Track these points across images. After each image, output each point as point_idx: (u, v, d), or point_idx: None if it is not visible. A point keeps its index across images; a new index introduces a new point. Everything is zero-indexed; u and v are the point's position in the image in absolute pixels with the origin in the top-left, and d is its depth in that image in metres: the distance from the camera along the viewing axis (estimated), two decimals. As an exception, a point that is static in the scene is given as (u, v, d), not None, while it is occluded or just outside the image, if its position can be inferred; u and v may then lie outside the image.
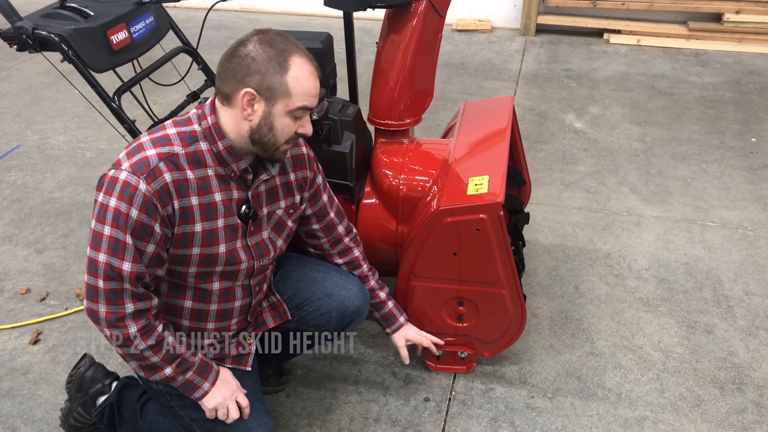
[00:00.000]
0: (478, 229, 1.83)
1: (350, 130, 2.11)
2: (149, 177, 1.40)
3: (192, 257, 1.51)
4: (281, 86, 1.42)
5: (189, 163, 1.46)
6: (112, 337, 1.46)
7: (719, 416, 2.04)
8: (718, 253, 2.73)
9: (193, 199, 1.47)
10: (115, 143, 3.58)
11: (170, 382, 1.55)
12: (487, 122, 2.24)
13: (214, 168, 1.49)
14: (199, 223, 1.49)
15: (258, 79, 1.41)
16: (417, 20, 2.02)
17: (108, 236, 1.40)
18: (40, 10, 2.06)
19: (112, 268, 1.40)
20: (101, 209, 1.41)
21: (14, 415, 2.05)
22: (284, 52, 1.42)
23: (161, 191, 1.41)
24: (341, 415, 2.05)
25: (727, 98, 4.07)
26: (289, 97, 1.44)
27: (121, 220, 1.39)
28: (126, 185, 1.39)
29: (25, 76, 4.50)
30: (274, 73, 1.41)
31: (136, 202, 1.39)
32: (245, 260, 1.60)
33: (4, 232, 2.91)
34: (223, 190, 1.51)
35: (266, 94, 1.43)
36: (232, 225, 1.55)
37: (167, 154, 1.44)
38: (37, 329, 2.37)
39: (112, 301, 1.43)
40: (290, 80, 1.42)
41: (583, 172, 3.30)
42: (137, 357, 1.50)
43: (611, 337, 2.32)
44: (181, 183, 1.44)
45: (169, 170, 1.43)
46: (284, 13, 5.65)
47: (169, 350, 1.51)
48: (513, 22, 5.27)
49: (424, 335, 2.01)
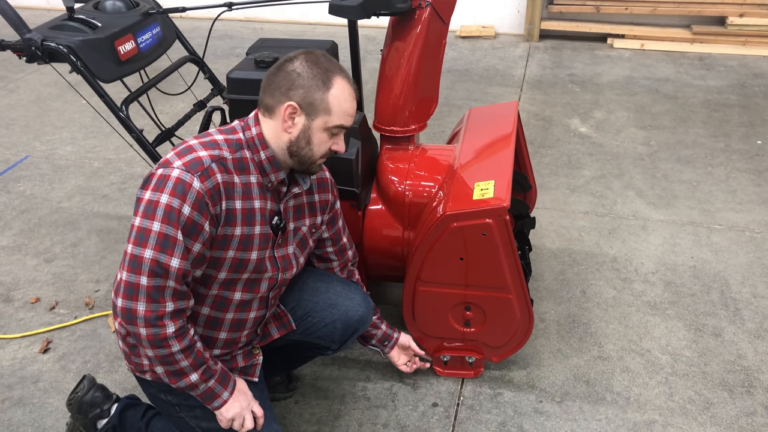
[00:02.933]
0: (485, 233, 1.84)
1: (356, 137, 2.13)
2: (203, 175, 1.43)
3: (226, 260, 1.54)
4: (323, 103, 1.50)
5: (235, 169, 1.51)
6: (148, 336, 1.43)
7: (729, 419, 2.03)
8: (725, 255, 2.72)
9: (237, 202, 1.51)
10: (122, 153, 3.61)
11: (192, 390, 1.54)
12: (492, 127, 2.25)
13: (256, 176, 1.55)
14: (240, 227, 1.52)
15: (302, 94, 1.49)
16: (421, 27, 2.03)
17: (157, 232, 1.40)
18: (49, 22, 2.09)
19: (159, 264, 1.40)
20: (149, 205, 1.41)
21: (25, 423, 2.07)
22: (328, 71, 1.51)
23: (213, 190, 1.44)
24: (350, 421, 2.06)
25: (732, 101, 4.07)
26: (328, 115, 1.51)
27: (173, 216, 1.40)
28: (180, 182, 1.41)
29: (32, 87, 4.54)
30: (317, 90, 1.49)
31: (190, 199, 1.41)
32: (270, 271, 1.62)
33: (14, 242, 2.93)
34: (262, 199, 1.56)
35: (308, 109, 1.50)
36: (266, 234, 1.59)
37: (218, 156, 1.48)
38: (46, 338, 2.39)
39: (154, 299, 1.41)
40: (331, 98, 1.50)
41: (589, 177, 3.31)
42: (168, 360, 1.47)
43: (619, 340, 2.32)
44: (229, 185, 1.49)
45: (220, 172, 1.47)
46: (288, 22, 5.68)
47: (197, 355, 1.51)
48: (516, 28, 5.28)
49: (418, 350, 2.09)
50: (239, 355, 1.73)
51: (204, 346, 1.56)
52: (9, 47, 1.97)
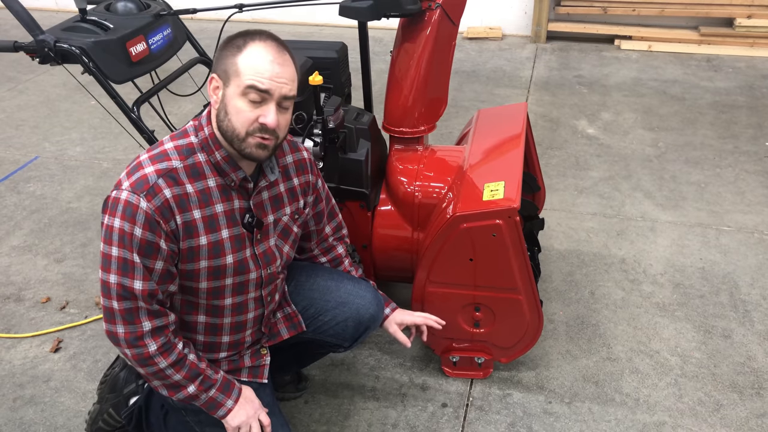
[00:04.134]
0: (495, 234, 1.84)
1: (365, 138, 2.13)
2: (149, 194, 1.40)
3: (200, 271, 1.51)
4: (233, 66, 1.42)
5: (188, 177, 1.46)
6: (133, 357, 1.46)
7: (739, 421, 2.03)
8: (734, 257, 2.72)
9: (195, 212, 1.46)
10: (131, 153, 3.63)
11: (194, 401, 1.55)
12: (501, 128, 2.25)
13: (214, 179, 1.49)
14: (204, 236, 1.49)
15: (220, 65, 1.43)
16: (431, 28, 2.04)
17: (116, 257, 1.41)
18: (61, 23, 2.10)
19: (124, 288, 1.41)
20: (107, 231, 1.42)
21: (37, 422, 2.08)
22: (247, 37, 1.44)
23: (162, 207, 1.41)
24: (359, 421, 2.06)
25: (740, 103, 4.06)
26: (238, 77, 1.41)
27: (127, 240, 1.40)
28: (128, 205, 1.40)
29: (42, 88, 4.56)
30: (231, 56, 1.42)
31: (139, 221, 1.39)
32: (253, 269, 1.59)
33: (24, 242, 2.95)
34: (224, 201, 1.51)
35: (223, 77, 1.43)
36: (238, 235, 1.54)
37: (165, 169, 1.44)
38: (57, 337, 2.40)
39: (129, 321, 1.44)
40: (242, 59, 1.41)
41: (597, 178, 3.31)
42: (159, 376, 1.50)
43: (628, 342, 2.32)
44: (182, 198, 1.44)
45: (169, 186, 1.43)
46: (296, 24, 5.70)
47: (191, 367, 1.52)
48: (524, 29, 5.28)
49: (417, 315, 1.94)
50: (247, 354, 1.73)
51: (200, 357, 1.56)
52: (22, 48, 1.98)
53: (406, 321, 1.93)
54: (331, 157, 2.08)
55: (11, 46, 1.99)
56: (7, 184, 3.42)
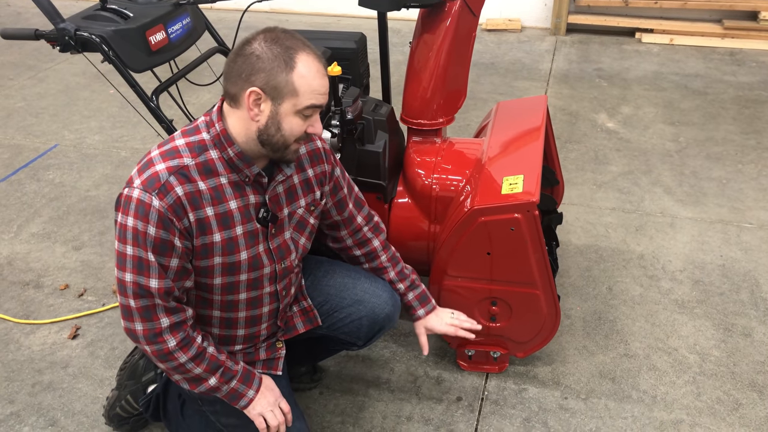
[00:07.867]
0: (513, 228, 1.83)
1: (383, 130, 2.12)
2: (161, 192, 1.39)
3: (215, 267, 1.51)
4: (288, 85, 1.38)
5: (200, 174, 1.44)
6: (153, 353, 1.47)
7: (758, 421, 2.00)
8: (755, 254, 2.68)
9: (207, 210, 1.45)
10: (149, 142, 3.64)
11: (215, 393, 1.55)
12: (520, 121, 2.23)
13: (227, 176, 1.47)
14: (218, 233, 1.47)
15: (264, 78, 1.37)
16: (451, 20, 2.02)
17: (131, 256, 1.40)
18: (81, 12, 2.11)
19: (140, 286, 1.41)
20: (121, 229, 1.41)
21: (54, 407, 2.10)
22: (290, 49, 1.38)
23: (175, 205, 1.40)
24: (374, 413, 2.06)
25: (763, 98, 4.00)
26: (296, 96, 1.39)
27: (141, 239, 1.39)
28: (140, 203, 1.38)
29: (61, 77, 4.60)
30: (280, 72, 1.37)
31: (152, 219, 1.38)
32: (267, 264, 1.59)
33: (43, 230, 2.97)
34: (238, 197, 1.49)
35: (272, 93, 1.38)
36: (252, 231, 1.53)
37: (177, 167, 1.42)
38: (75, 324, 2.43)
39: (147, 318, 1.44)
40: (297, 78, 1.38)
41: (616, 173, 3.27)
42: (180, 370, 1.50)
43: (645, 338, 2.30)
44: (194, 195, 1.43)
45: (181, 183, 1.41)
46: (313, 14, 5.68)
47: (210, 360, 1.52)
48: (543, 21, 5.23)
49: (449, 326, 1.89)
50: (262, 347, 1.73)
51: (219, 349, 1.56)
52: (43, 36, 1.99)
53: (435, 330, 1.91)
54: (348, 148, 2.08)
55: (32, 34, 2.00)
56: (27, 171, 3.45)
